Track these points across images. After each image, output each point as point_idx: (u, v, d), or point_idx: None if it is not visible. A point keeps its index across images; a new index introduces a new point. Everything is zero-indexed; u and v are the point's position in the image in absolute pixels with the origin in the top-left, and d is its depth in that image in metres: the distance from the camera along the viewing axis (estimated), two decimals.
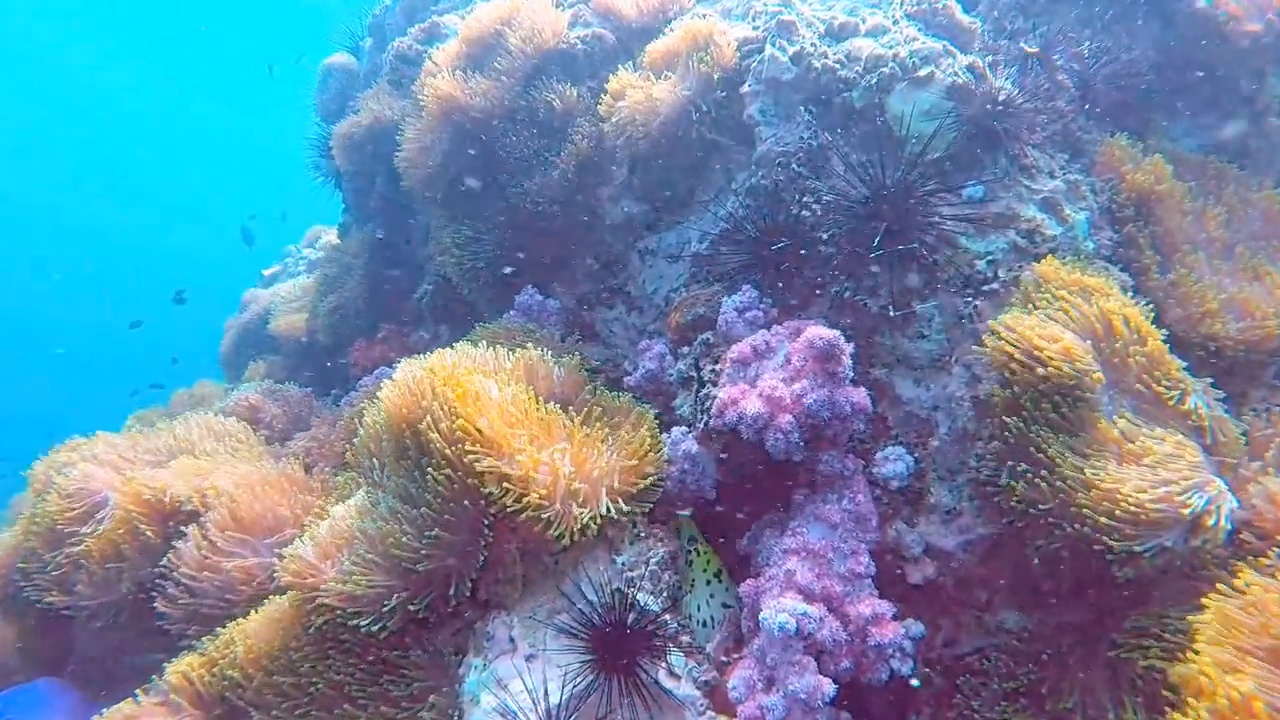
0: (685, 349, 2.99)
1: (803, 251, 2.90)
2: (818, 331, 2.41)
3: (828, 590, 2.27)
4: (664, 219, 3.43)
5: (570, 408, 2.81)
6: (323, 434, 3.46)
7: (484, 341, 2.99)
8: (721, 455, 2.66)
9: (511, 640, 2.43)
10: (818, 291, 2.89)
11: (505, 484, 2.35)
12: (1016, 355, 2.26)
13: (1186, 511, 1.89)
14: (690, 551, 2.72)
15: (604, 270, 3.57)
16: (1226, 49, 3.15)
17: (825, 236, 2.86)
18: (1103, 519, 1.96)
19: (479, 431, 2.37)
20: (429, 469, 2.39)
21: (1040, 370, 2.17)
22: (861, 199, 2.74)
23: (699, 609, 2.60)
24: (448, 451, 2.34)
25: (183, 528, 2.84)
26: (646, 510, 2.60)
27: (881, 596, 2.36)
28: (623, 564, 2.53)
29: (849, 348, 2.44)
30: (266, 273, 7.05)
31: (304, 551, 2.53)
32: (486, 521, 2.45)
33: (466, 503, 2.40)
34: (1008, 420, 2.28)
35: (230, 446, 3.27)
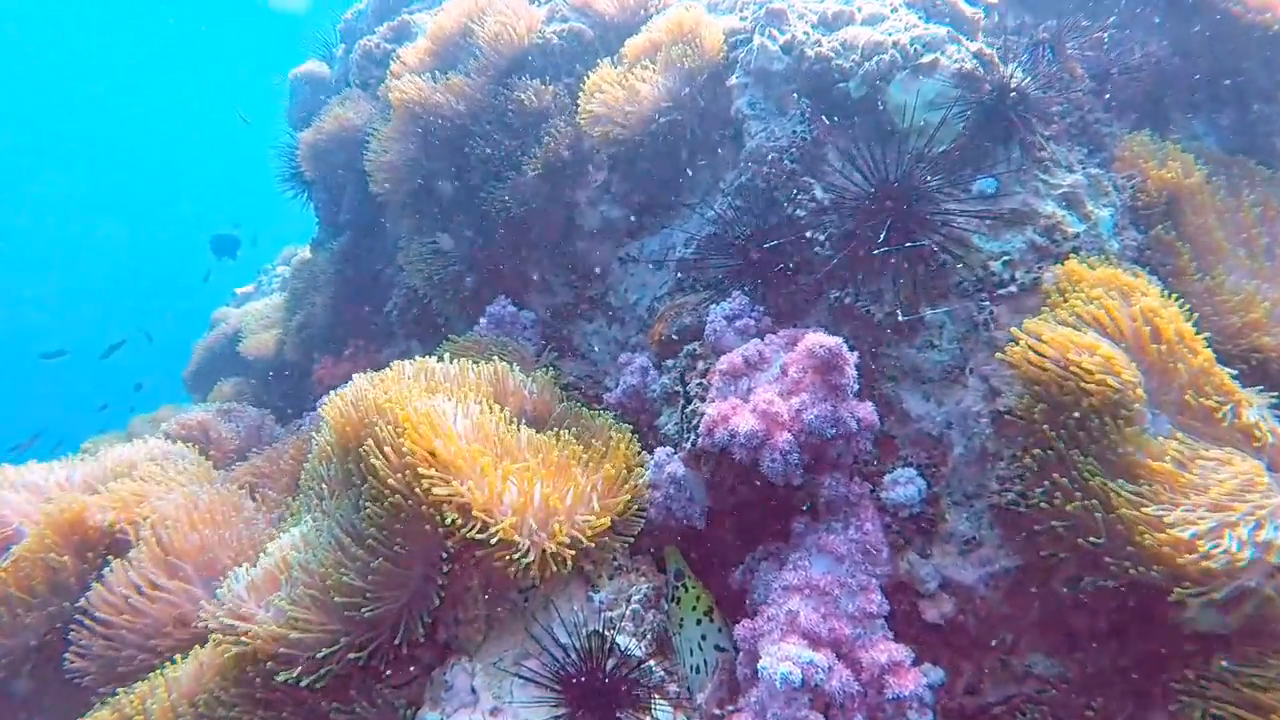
0: (670, 361, 2.67)
1: (797, 255, 2.59)
2: (817, 339, 2.09)
3: (836, 633, 1.94)
4: (646, 224, 3.12)
5: (543, 428, 2.48)
6: (275, 457, 3.10)
7: (449, 356, 2.66)
8: (711, 478, 2.33)
9: (473, 691, 2.07)
10: (815, 298, 2.58)
11: (466, 512, 2.01)
12: (1047, 367, 1.95)
13: (1274, 557, 1.57)
14: (678, 588, 2.38)
15: (582, 280, 3.25)
16: (1247, 41, 2.88)
17: (822, 238, 2.56)
18: (1170, 561, 1.64)
19: (433, 455, 2.04)
20: (369, 497, 2.05)
21: (1076, 384, 1.86)
22: (862, 195, 2.44)
23: (689, 653, 2.26)
24: (391, 480, 2.01)
25: (108, 559, 2.48)
26: (628, 542, 2.26)
27: (895, 638, 2.03)
28: (600, 602, 2.19)
29: (853, 357, 2.13)
30: (239, 291, 6.70)
31: (237, 589, 2.17)
32: (444, 554, 2.11)
33: (422, 531, 2.06)
34: (1036, 440, 1.96)
35: (172, 471, 2.91)
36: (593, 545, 2.13)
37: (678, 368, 2.60)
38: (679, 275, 2.97)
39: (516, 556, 2.05)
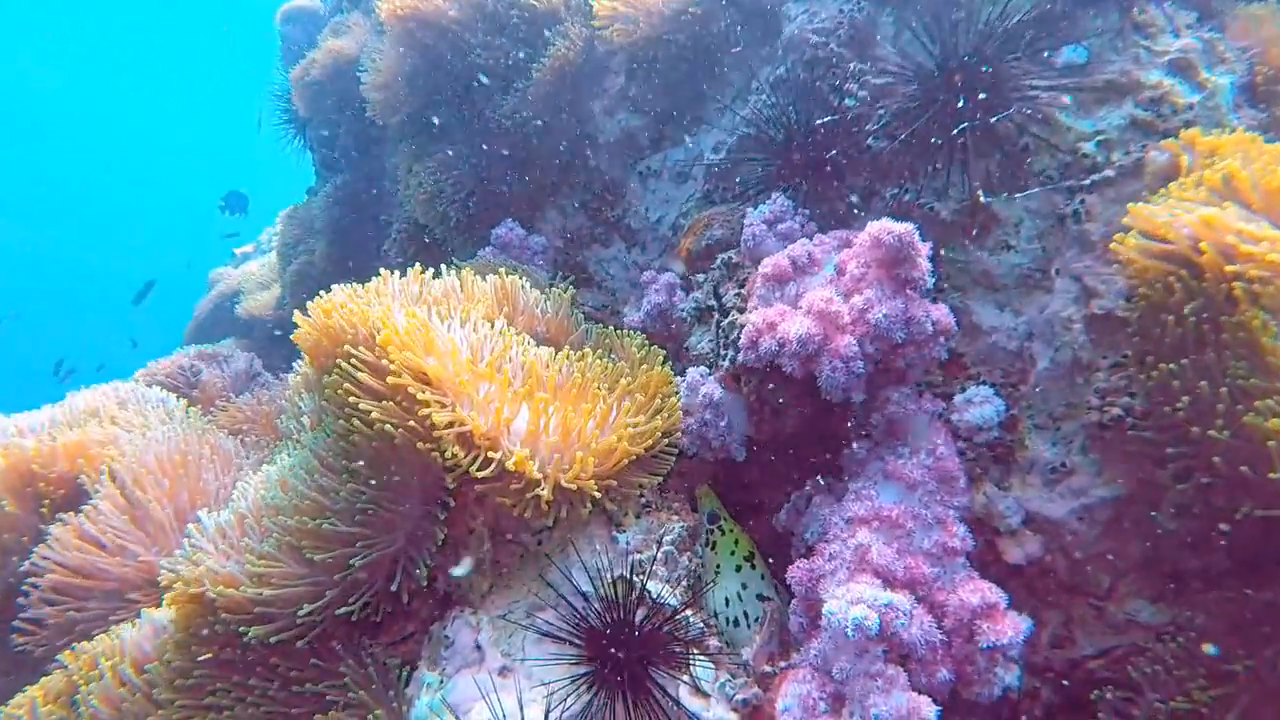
0: (701, 276, 2.30)
1: (846, 153, 2.21)
2: (884, 225, 1.72)
3: (913, 572, 1.58)
4: (669, 133, 2.73)
5: (559, 351, 2.12)
6: (265, 398, 2.74)
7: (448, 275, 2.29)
8: (753, 401, 1.96)
9: (478, 647, 1.72)
10: (868, 199, 2.20)
11: (467, 443, 1.65)
12: (1179, 255, 1.56)
13: None
14: (712, 531, 2.02)
15: (598, 200, 2.87)
16: None
17: (876, 129, 2.17)
18: None
19: (425, 375, 1.68)
20: (343, 432, 1.69)
21: (1227, 273, 1.47)
22: (925, 74, 2.05)
23: (727, 604, 1.90)
24: (368, 406, 1.65)
25: (62, 516, 2.13)
26: (659, 476, 1.90)
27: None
28: (627, 544, 1.83)
29: (925, 248, 1.75)
30: (238, 251, 6.34)
31: (198, 539, 1.82)
32: (445, 490, 1.75)
33: (417, 465, 1.70)
34: (1158, 342, 1.58)
35: (145, 415, 2.55)
36: (616, 481, 1.77)
37: (711, 280, 2.22)
38: (707, 187, 2.59)
39: (528, 493, 1.69)
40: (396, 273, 2.02)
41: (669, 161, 2.71)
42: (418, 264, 2.12)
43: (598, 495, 1.76)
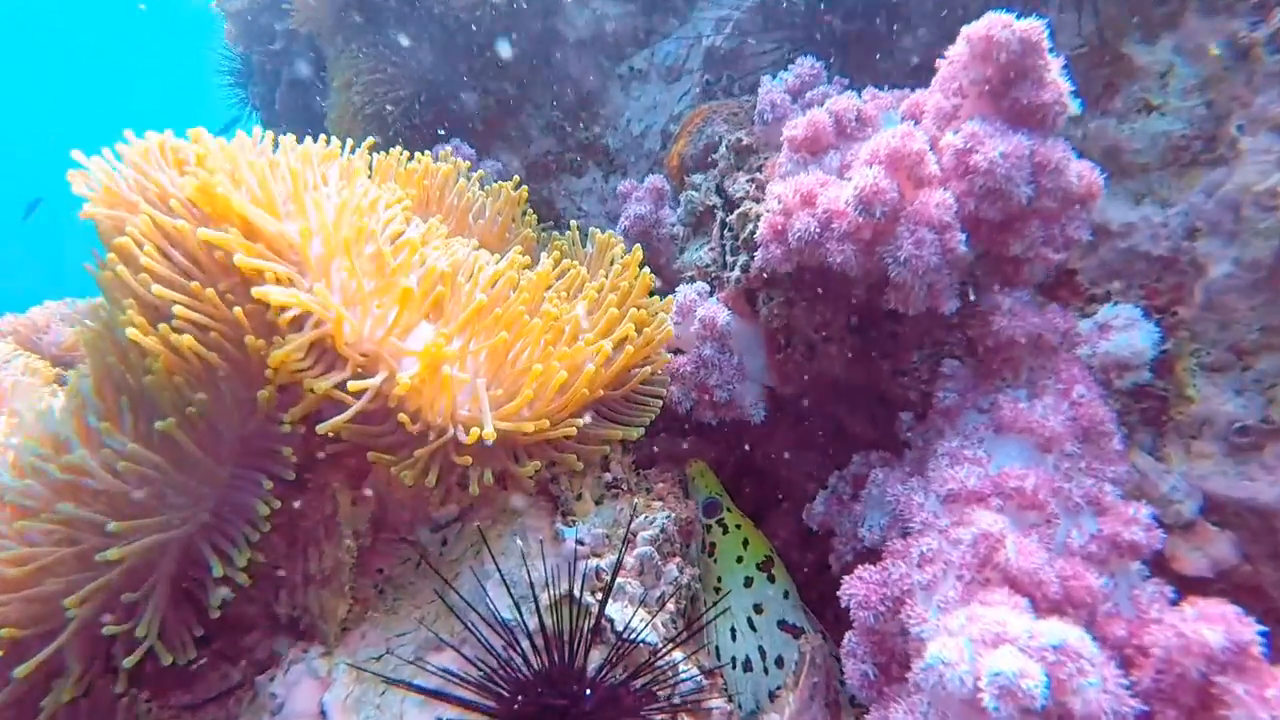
0: (699, 176, 1.59)
1: (895, 7, 1.52)
2: (995, 20, 1.00)
3: (1076, 585, 0.85)
4: (657, 24, 2.04)
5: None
6: None
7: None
8: (777, 328, 1.24)
9: (323, 715, 0.99)
10: (929, 63, 1.49)
11: (318, 344, 0.94)
12: None
13: None
14: (710, 528, 1.30)
15: (568, 116, 2.18)
16: None
17: None
18: None
19: (246, 225, 0.97)
20: (126, 318, 0.98)
21: None
22: None
23: (733, 637, 1.18)
24: (159, 289, 0.94)
25: None
26: (638, 431, 1.18)
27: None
28: (579, 543, 1.10)
29: (1058, 62, 1.03)
30: None
31: None
32: (278, 440, 1.03)
33: (229, 394, 0.98)
34: None
35: None
36: (568, 438, 1.06)
37: (713, 175, 1.51)
38: (706, 78, 1.89)
39: (422, 452, 0.99)
40: (261, 131, 1.30)
41: (657, 57, 2.01)
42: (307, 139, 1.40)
43: (536, 467, 1.04)
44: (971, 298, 1.08)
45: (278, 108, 3.40)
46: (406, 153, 1.52)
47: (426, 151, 1.54)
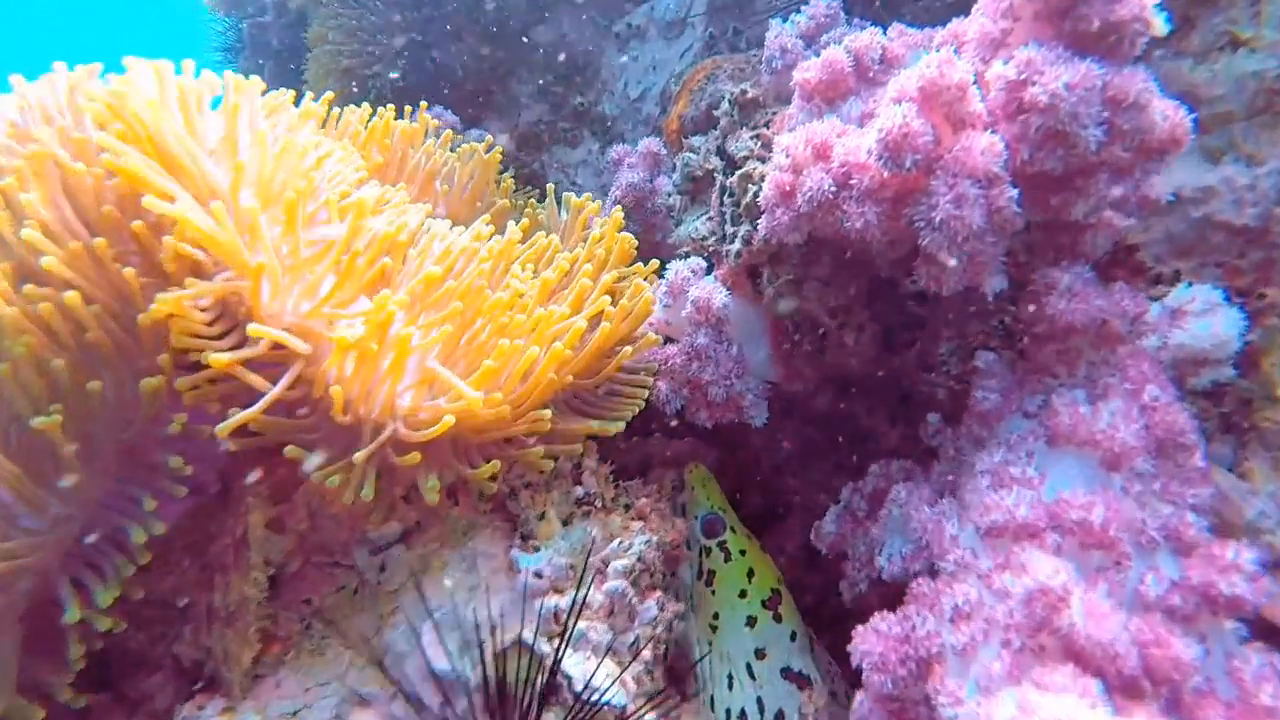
0: (698, 139, 1.38)
1: None
2: None
3: (1160, 656, 0.63)
4: None
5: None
6: None
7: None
8: (783, 312, 1.03)
9: None
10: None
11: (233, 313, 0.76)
12: None
13: None
14: (710, 551, 1.10)
15: (561, 82, 1.97)
16: None
17: None
18: None
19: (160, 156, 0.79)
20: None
21: None
22: None
23: (730, 686, 0.98)
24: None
25: None
26: (617, 427, 0.98)
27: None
28: (538, 574, 0.90)
29: None
30: None
31: None
32: (160, 445, 0.84)
33: (115, 369, 0.80)
34: None
35: None
36: (530, 439, 0.87)
37: (714, 137, 1.30)
38: (710, 31, 1.67)
39: (360, 456, 0.80)
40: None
41: (657, 10, 1.80)
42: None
43: (495, 468, 0.85)
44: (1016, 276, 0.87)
45: (266, 79, 3.21)
46: (369, 108, 1.32)
47: (393, 108, 1.34)
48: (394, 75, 2.01)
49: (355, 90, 2.03)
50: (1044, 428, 0.84)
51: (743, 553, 1.10)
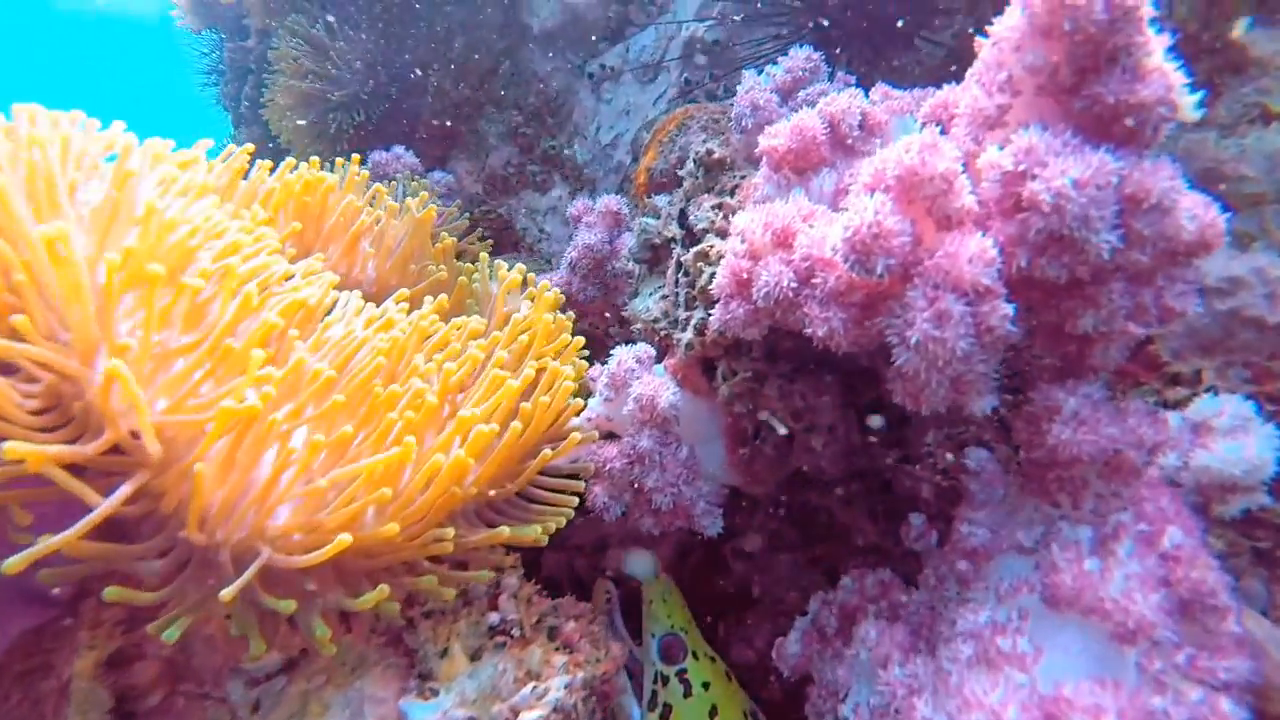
0: (661, 198, 1.23)
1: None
2: None
3: None
4: (634, 15, 1.70)
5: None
6: None
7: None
8: (741, 412, 0.88)
9: None
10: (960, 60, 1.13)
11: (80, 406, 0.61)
12: None
13: None
14: (669, 680, 0.95)
15: (532, 123, 1.83)
16: None
17: None
18: None
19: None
20: None
21: None
22: None
23: None
24: None
25: None
26: (525, 542, 0.84)
27: None
28: None
29: (1163, 39, 0.66)
30: None
31: None
32: None
33: None
34: None
35: None
36: (418, 564, 0.72)
37: (678, 196, 1.16)
38: (685, 76, 1.54)
39: (228, 594, 0.65)
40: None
41: (632, 51, 1.67)
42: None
43: (381, 594, 0.70)
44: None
45: (244, 106, 3.10)
46: (291, 161, 1.17)
47: (316, 160, 1.19)
48: (357, 115, 1.88)
49: (314, 130, 1.89)
50: (1041, 583, 0.68)
51: (705, 686, 0.94)
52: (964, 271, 0.61)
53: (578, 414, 0.91)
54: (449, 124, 1.88)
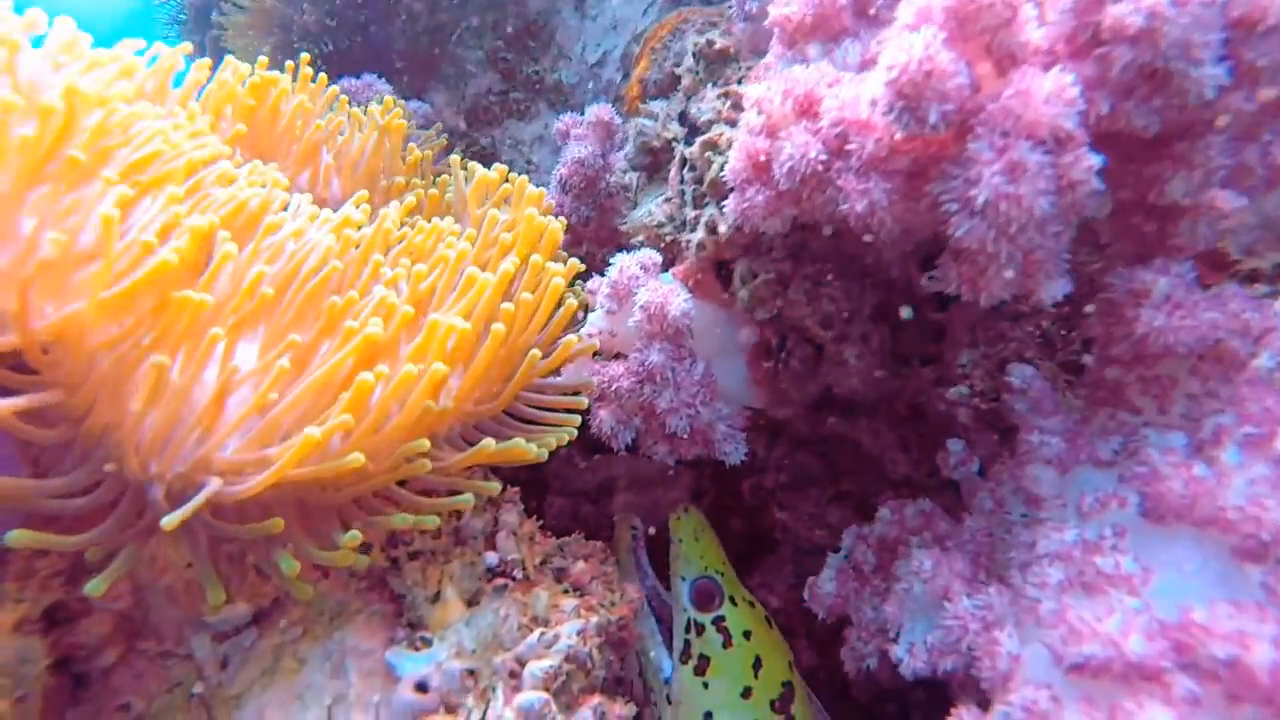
0: (658, 103, 1.11)
1: None
2: None
3: None
4: None
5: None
6: None
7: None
8: (763, 321, 0.77)
9: None
10: None
11: None
12: None
13: None
14: (705, 628, 0.84)
15: (513, 46, 1.69)
16: None
17: None
18: None
19: None
20: None
21: None
22: None
23: None
24: None
25: None
26: (529, 460, 0.73)
27: None
28: (419, 685, 0.64)
29: None
30: None
31: None
32: None
33: None
34: None
35: None
36: (401, 494, 0.61)
37: (676, 99, 1.04)
38: None
39: (167, 522, 0.54)
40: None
41: None
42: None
43: (354, 539, 0.60)
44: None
45: (206, 54, 2.92)
46: (232, 60, 1.03)
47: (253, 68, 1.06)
48: (325, 45, 1.73)
49: (277, 47, 1.74)
50: (1140, 493, 0.58)
51: (746, 635, 0.84)
52: (1040, 113, 0.50)
53: (573, 321, 0.81)
54: (423, 51, 1.74)
